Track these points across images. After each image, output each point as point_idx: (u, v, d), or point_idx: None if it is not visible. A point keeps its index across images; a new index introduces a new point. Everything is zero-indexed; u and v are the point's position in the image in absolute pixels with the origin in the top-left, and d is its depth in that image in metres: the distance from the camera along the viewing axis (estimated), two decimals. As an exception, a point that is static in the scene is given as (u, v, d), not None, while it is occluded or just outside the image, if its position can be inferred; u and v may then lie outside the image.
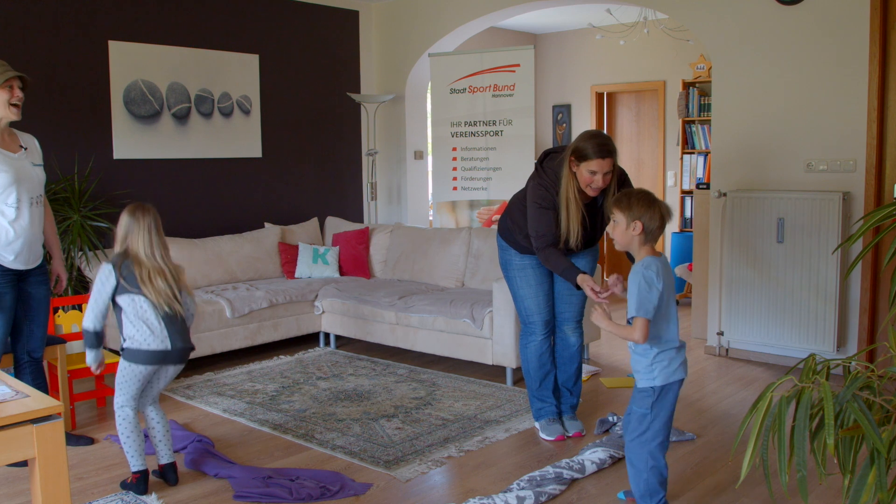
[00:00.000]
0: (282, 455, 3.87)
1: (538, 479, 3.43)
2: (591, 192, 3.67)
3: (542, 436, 4.07)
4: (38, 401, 2.21)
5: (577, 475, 3.50)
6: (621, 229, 2.99)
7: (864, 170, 4.98)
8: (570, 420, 4.15)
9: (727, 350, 5.62)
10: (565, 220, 3.71)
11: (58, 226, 5.17)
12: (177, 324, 3.43)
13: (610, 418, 4.17)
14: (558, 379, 4.18)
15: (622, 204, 3.00)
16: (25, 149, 3.75)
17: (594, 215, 3.81)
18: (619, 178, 3.76)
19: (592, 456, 3.64)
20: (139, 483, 3.41)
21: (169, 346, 3.39)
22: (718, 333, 5.59)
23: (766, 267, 5.26)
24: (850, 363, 1.92)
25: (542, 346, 4.10)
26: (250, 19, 6.62)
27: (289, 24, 6.90)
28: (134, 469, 3.42)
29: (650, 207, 2.97)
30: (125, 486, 3.45)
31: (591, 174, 3.59)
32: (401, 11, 7.45)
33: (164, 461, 3.53)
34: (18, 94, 3.63)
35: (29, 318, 3.86)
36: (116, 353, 5.32)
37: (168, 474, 3.52)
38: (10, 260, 3.68)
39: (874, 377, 1.81)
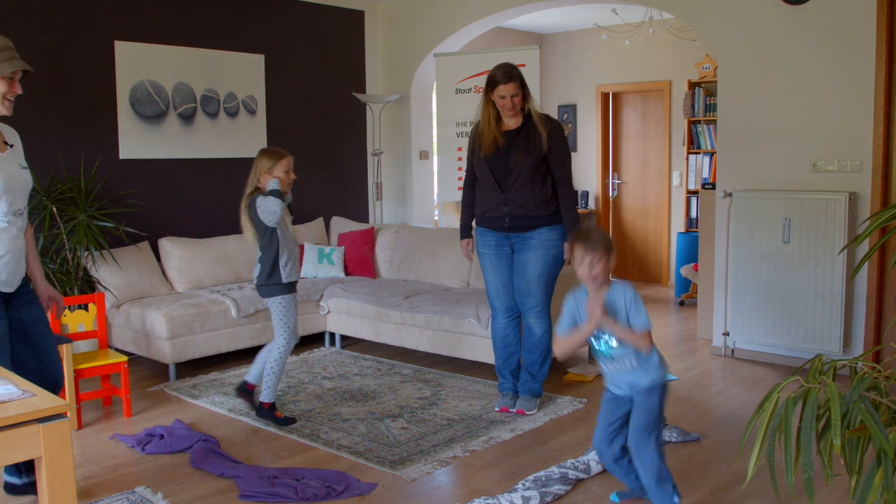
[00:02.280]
0: (287, 455, 3.87)
1: (543, 479, 3.43)
2: (508, 114, 4.25)
3: (495, 406, 4.49)
4: (44, 400, 2.22)
5: (582, 475, 3.50)
6: (603, 264, 3.10)
7: (871, 170, 4.97)
8: (523, 400, 4.44)
9: (733, 350, 5.61)
10: (480, 130, 4.33)
11: (64, 226, 5.19)
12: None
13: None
14: (523, 362, 4.49)
15: (601, 247, 3.10)
16: (11, 146, 3.13)
17: (507, 151, 4.27)
18: (552, 125, 4.30)
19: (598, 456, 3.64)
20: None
21: None
22: (724, 334, 5.58)
23: (771, 267, 5.25)
24: (856, 364, 1.91)
25: (504, 330, 4.50)
26: (256, 20, 6.63)
27: (294, 25, 6.91)
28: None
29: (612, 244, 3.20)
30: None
31: (501, 98, 4.20)
32: (406, 11, 7.46)
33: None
34: (18, 88, 3.05)
35: (33, 347, 3.22)
36: (125, 353, 5.34)
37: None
38: None
39: (881, 378, 1.80)
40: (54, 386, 3.33)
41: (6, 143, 3.09)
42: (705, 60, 7.88)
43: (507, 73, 4.20)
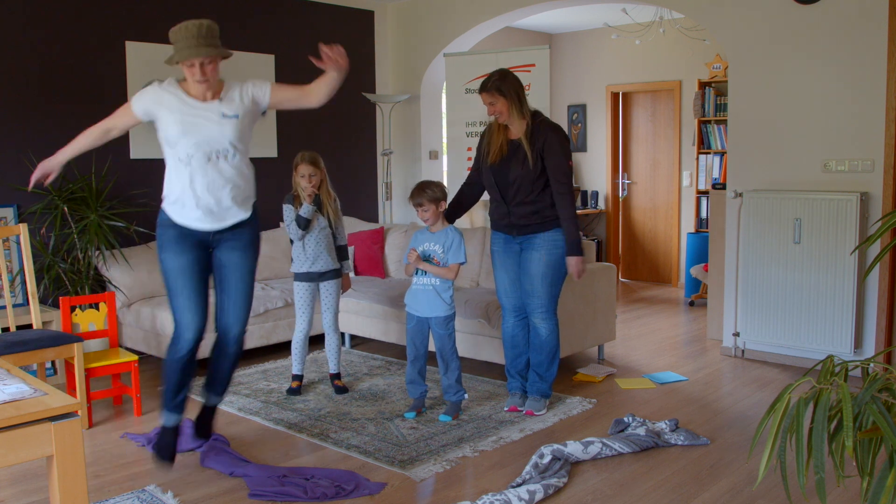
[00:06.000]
0: (297, 454, 3.88)
1: (540, 464, 3.53)
2: (500, 119, 4.27)
3: (504, 406, 4.52)
4: (55, 398, 2.23)
5: (565, 450, 3.67)
6: (434, 210, 4.24)
7: (883, 170, 4.94)
8: (532, 400, 4.45)
9: (743, 351, 5.59)
10: (486, 141, 4.38)
11: (75, 225, 5.21)
12: None
13: (626, 419, 4.16)
14: (531, 362, 4.48)
15: (430, 195, 4.22)
16: (220, 100, 3.47)
17: (509, 162, 4.26)
18: (547, 137, 4.19)
19: (583, 442, 3.77)
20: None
21: None
22: (734, 334, 5.56)
23: (782, 268, 5.23)
24: (868, 365, 1.90)
25: (512, 330, 4.50)
26: (266, 20, 6.65)
27: (304, 25, 6.92)
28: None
29: (445, 192, 4.30)
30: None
31: (485, 105, 4.25)
32: (416, 11, 7.46)
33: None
34: (198, 74, 3.40)
35: (220, 288, 3.59)
36: (136, 352, 5.36)
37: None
38: (181, 216, 3.46)
39: (893, 379, 1.79)
40: (224, 333, 3.63)
41: (219, 97, 3.46)
42: (716, 60, 7.86)
43: (485, 83, 4.22)
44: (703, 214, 8.12)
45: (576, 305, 5.16)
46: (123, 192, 5.75)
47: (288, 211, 4.68)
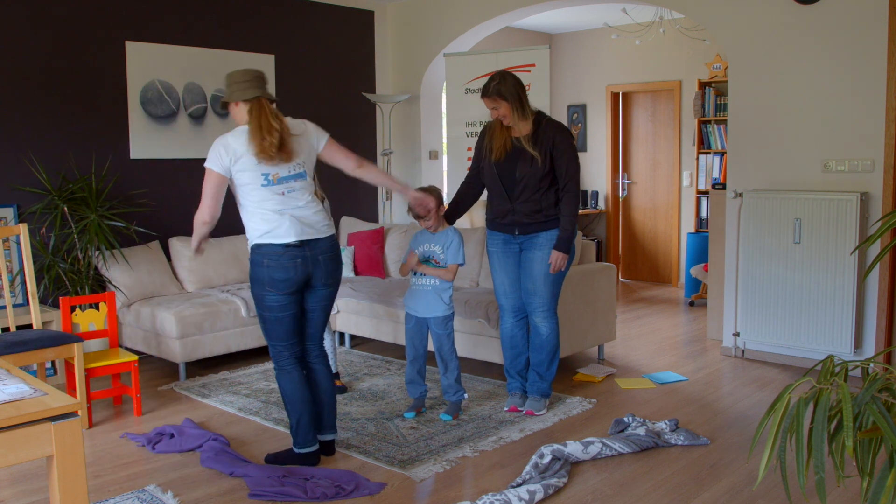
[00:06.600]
0: (297, 454, 3.88)
1: (541, 464, 3.53)
2: (503, 122, 4.25)
3: (504, 406, 4.52)
4: (55, 398, 2.23)
5: (565, 450, 3.67)
6: (434, 217, 4.23)
7: (883, 170, 4.94)
8: (532, 400, 4.45)
9: (743, 351, 5.59)
10: (488, 139, 4.36)
11: (75, 225, 5.21)
12: None
13: (626, 419, 4.16)
14: (531, 362, 4.48)
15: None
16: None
17: (515, 160, 4.26)
18: (552, 126, 4.27)
19: (583, 442, 3.77)
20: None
21: None
22: (734, 334, 5.56)
23: (782, 268, 5.23)
24: (868, 365, 1.90)
25: (511, 330, 4.50)
26: (266, 20, 6.64)
27: (304, 25, 6.92)
28: None
29: (441, 196, 4.28)
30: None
31: (488, 109, 4.26)
32: (416, 11, 7.46)
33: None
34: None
35: None
36: (136, 352, 5.36)
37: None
38: None
39: (893, 379, 1.79)
40: None
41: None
42: (716, 60, 7.86)
43: (485, 88, 4.22)
44: (703, 214, 8.12)
45: (576, 305, 5.16)
46: (123, 192, 5.75)
47: None
